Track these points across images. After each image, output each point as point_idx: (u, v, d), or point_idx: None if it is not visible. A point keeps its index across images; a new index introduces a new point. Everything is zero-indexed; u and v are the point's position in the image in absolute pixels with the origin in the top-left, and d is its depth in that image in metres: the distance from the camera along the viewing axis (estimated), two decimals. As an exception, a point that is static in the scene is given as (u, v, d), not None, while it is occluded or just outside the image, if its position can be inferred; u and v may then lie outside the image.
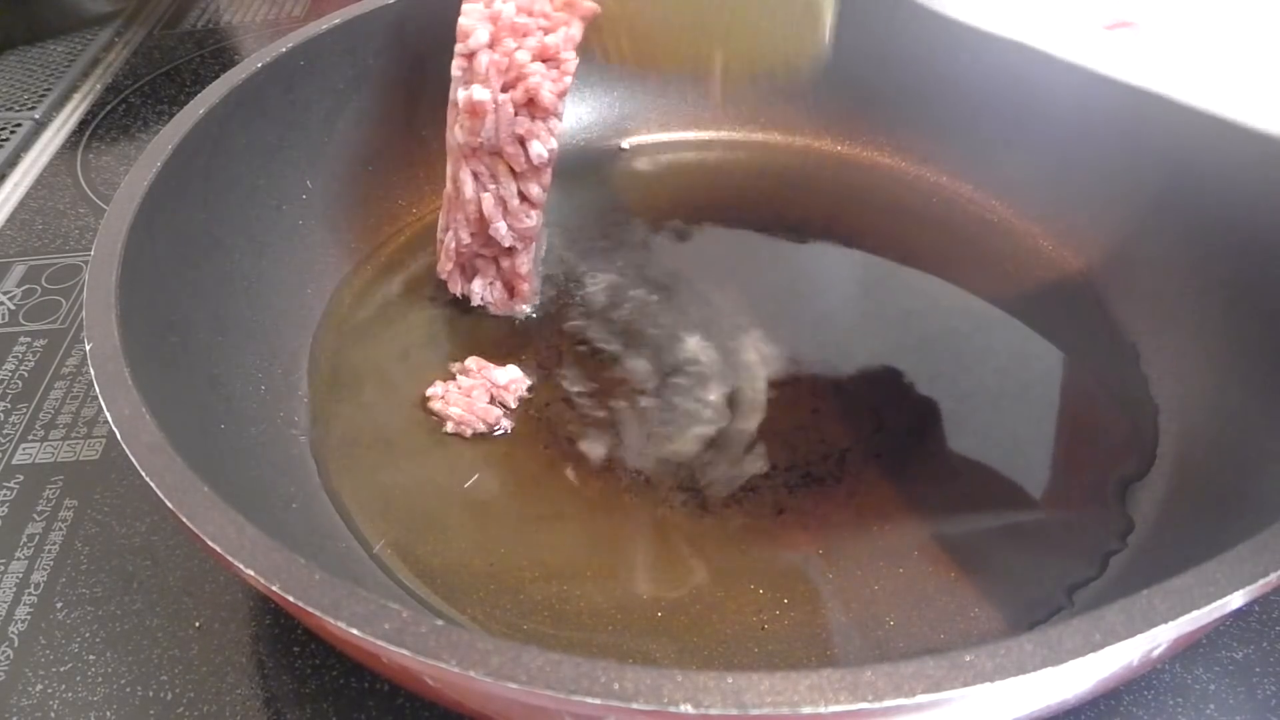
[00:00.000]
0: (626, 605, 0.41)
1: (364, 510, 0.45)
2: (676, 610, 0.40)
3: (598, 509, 0.45)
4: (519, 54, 0.48)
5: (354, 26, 0.58)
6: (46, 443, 0.52)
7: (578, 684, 0.26)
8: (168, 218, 0.45)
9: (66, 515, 0.48)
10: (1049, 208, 0.58)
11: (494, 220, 0.51)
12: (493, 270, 0.54)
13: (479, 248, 0.53)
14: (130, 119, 0.81)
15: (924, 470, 0.45)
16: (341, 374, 0.52)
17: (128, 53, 0.91)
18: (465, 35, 0.50)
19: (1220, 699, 0.38)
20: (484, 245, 0.53)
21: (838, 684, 0.26)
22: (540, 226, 0.53)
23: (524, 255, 0.53)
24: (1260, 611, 0.41)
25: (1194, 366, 0.48)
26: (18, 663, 0.42)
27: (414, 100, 0.63)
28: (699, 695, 0.26)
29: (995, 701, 0.28)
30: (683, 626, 0.40)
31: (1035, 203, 0.59)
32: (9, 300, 0.62)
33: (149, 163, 0.46)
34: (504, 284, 0.55)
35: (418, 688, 0.34)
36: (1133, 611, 0.27)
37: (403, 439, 0.48)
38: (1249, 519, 0.37)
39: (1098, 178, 0.56)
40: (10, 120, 0.81)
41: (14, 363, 0.57)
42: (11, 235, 0.68)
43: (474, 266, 0.55)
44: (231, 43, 0.93)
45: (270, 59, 0.54)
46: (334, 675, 0.40)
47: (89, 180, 0.73)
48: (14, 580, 0.45)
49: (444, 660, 0.27)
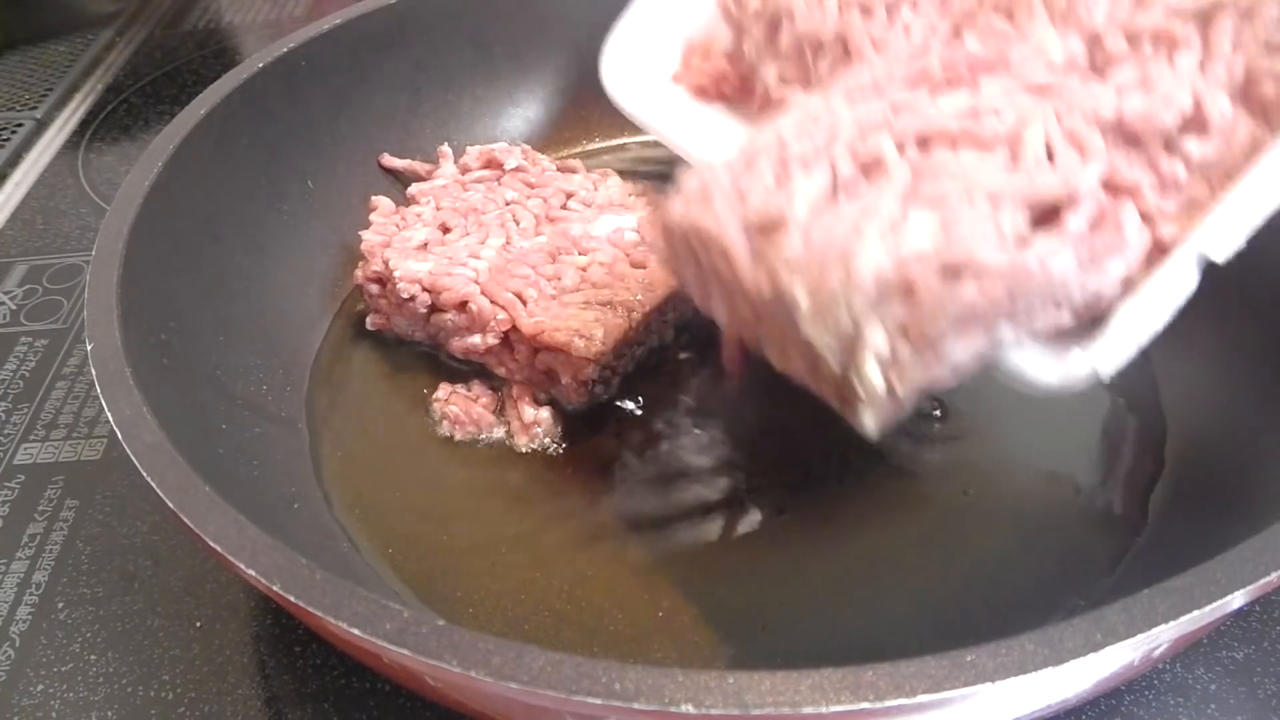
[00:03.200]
0: (627, 604, 0.41)
1: (364, 510, 0.45)
2: (677, 611, 0.40)
3: (600, 510, 0.45)
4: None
5: (354, 26, 0.59)
6: (48, 443, 0.52)
7: (579, 684, 0.26)
8: (169, 218, 0.46)
9: (68, 515, 0.48)
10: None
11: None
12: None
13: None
14: (131, 119, 0.81)
15: (929, 471, 0.45)
16: (342, 374, 0.52)
17: (129, 53, 0.91)
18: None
19: (1221, 699, 0.38)
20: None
21: (839, 684, 0.26)
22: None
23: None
24: (1261, 611, 0.41)
25: (1196, 368, 0.47)
26: (19, 663, 0.42)
27: (414, 100, 0.63)
28: (700, 695, 0.26)
29: (996, 701, 0.28)
30: (683, 626, 0.40)
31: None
32: (10, 300, 0.62)
33: (150, 163, 0.46)
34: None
35: (419, 688, 0.34)
36: (1133, 611, 0.27)
37: (402, 439, 0.48)
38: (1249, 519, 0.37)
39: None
40: (12, 120, 0.81)
41: (15, 363, 0.57)
42: (13, 235, 0.68)
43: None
44: (232, 43, 0.93)
45: (271, 59, 0.54)
46: (335, 675, 0.40)
47: (90, 180, 0.73)
48: (15, 580, 0.45)
49: (445, 660, 0.27)
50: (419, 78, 0.62)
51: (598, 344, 0.46)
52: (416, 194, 0.55)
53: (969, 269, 0.29)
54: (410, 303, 0.50)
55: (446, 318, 0.50)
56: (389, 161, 0.61)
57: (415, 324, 0.52)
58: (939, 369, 0.31)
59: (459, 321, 0.50)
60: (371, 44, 0.60)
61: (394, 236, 0.53)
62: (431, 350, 0.52)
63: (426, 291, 0.50)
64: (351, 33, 0.58)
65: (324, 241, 0.56)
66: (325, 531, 0.43)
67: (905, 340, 0.30)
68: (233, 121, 0.51)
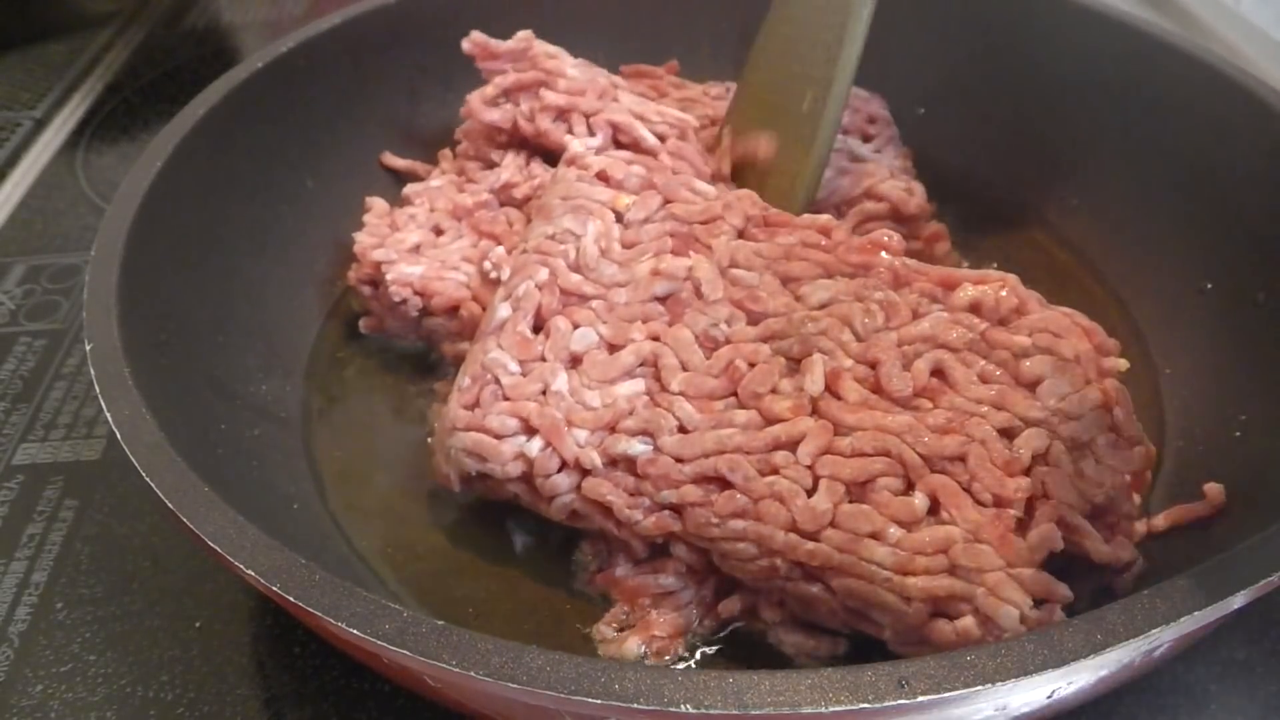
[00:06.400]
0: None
1: (363, 510, 0.45)
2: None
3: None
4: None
5: (354, 26, 0.58)
6: (47, 443, 0.52)
7: (578, 684, 0.26)
8: (168, 218, 0.45)
9: (67, 515, 0.48)
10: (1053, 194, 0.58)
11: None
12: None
13: None
14: (130, 119, 0.81)
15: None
16: (341, 374, 0.52)
17: (128, 52, 0.91)
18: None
19: (1222, 699, 0.38)
20: None
21: (839, 684, 0.26)
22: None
23: None
24: (1261, 611, 0.41)
25: (1197, 368, 0.48)
26: (18, 663, 0.42)
27: (414, 100, 0.63)
28: (700, 695, 0.26)
29: (996, 701, 0.28)
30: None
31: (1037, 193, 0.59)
32: (9, 300, 0.62)
33: (149, 163, 0.46)
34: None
35: (419, 688, 0.34)
36: (1133, 611, 0.27)
37: (401, 439, 0.48)
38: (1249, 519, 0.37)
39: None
40: (10, 120, 0.81)
41: (14, 362, 0.57)
42: (12, 235, 0.68)
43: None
44: (231, 43, 0.93)
45: (270, 59, 0.54)
46: (334, 675, 0.40)
47: (89, 180, 0.73)
48: (14, 580, 0.45)
49: (444, 660, 0.27)
50: (419, 78, 0.62)
51: None
52: (410, 195, 0.55)
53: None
54: (402, 306, 0.50)
55: (438, 321, 0.50)
56: (390, 161, 0.61)
57: (407, 327, 0.51)
58: None
59: (450, 326, 0.50)
60: (371, 44, 0.60)
61: (387, 238, 0.52)
62: (427, 350, 0.52)
63: (418, 295, 0.49)
64: (351, 33, 0.58)
65: (323, 241, 0.56)
66: (324, 532, 0.43)
67: None
68: (232, 121, 0.51)
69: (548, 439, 0.39)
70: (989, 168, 0.60)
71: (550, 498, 0.39)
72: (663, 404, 0.39)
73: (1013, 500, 0.36)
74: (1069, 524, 0.36)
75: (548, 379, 0.40)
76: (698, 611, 0.40)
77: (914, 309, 0.40)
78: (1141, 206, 0.53)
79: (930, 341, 0.39)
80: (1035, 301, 0.40)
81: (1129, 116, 0.54)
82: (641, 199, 0.45)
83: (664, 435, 0.38)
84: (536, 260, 0.43)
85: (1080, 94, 0.56)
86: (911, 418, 0.37)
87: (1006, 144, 0.60)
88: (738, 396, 0.39)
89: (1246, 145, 0.47)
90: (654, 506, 0.38)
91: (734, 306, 0.41)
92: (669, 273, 0.42)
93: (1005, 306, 0.40)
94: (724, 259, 0.42)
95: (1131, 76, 0.53)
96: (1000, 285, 0.40)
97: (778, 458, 0.37)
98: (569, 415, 0.39)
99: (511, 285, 0.43)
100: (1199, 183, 0.50)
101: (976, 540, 0.35)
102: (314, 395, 0.50)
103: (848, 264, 0.41)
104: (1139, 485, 0.39)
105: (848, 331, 0.39)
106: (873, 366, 0.38)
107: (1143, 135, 0.53)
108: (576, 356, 0.40)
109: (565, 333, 0.41)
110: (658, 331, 0.40)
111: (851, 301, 0.40)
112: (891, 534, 0.35)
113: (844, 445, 0.37)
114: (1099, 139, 0.55)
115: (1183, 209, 0.51)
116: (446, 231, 0.53)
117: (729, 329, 0.40)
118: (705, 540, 0.38)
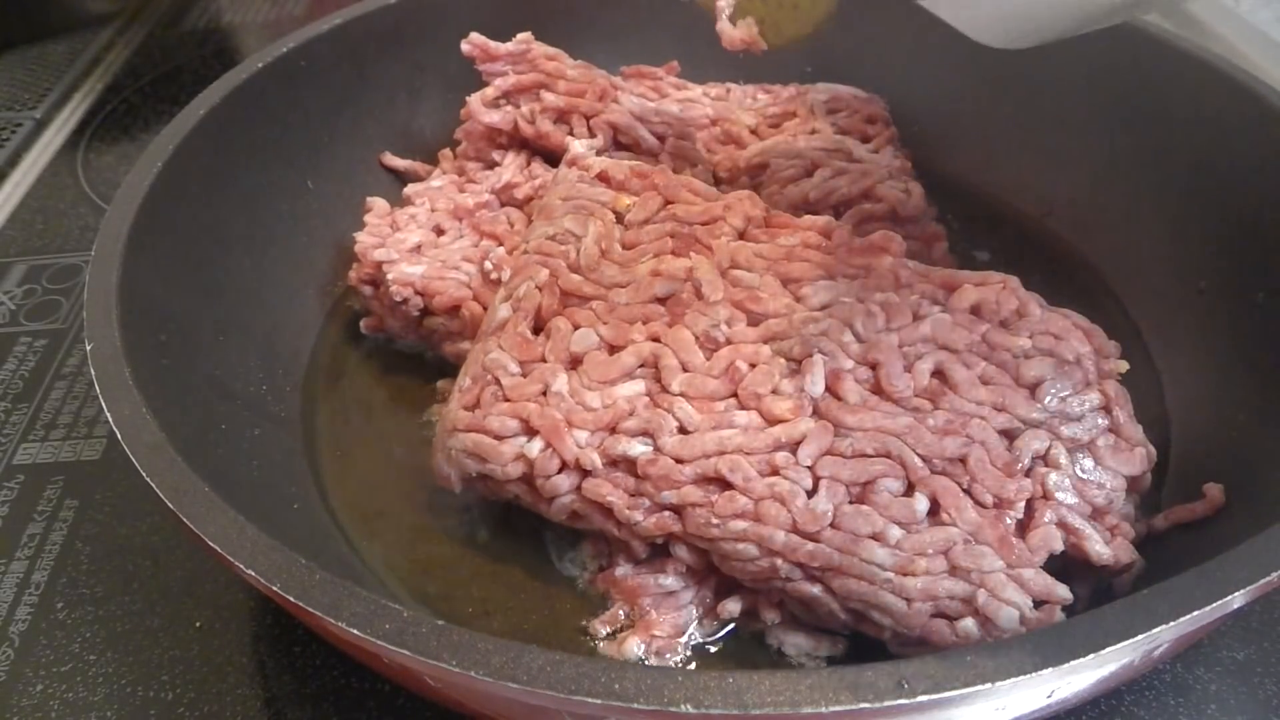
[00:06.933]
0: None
1: (362, 510, 0.45)
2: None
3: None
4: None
5: (354, 26, 0.58)
6: (47, 443, 0.52)
7: (578, 684, 0.26)
8: (168, 218, 0.45)
9: (67, 515, 0.48)
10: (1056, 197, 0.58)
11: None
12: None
13: None
14: (131, 119, 0.81)
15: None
16: (341, 374, 0.52)
17: (128, 53, 0.91)
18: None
19: (1221, 699, 0.38)
20: None
21: (839, 684, 0.26)
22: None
23: None
24: (1261, 611, 0.41)
25: (1198, 368, 0.48)
26: (18, 663, 0.42)
27: (414, 100, 0.63)
28: (700, 695, 0.26)
29: (996, 701, 0.28)
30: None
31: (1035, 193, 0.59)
32: (9, 300, 0.62)
33: (150, 163, 0.46)
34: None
35: (419, 688, 0.34)
36: (1133, 611, 0.27)
37: (400, 439, 0.48)
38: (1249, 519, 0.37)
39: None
40: (11, 120, 0.81)
41: (14, 362, 0.57)
42: (12, 235, 0.68)
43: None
44: (232, 43, 0.93)
45: (270, 59, 0.54)
46: (335, 675, 0.40)
47: (89, 180, 0.73)
48: (14, 580, 0.45)
49: (445, 660, 0.27)
50: (419, 78, 0.62)
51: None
52: (411, 195, 0.55)
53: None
54: (403, 306, 0.50)
55: (438, 321, 0.50)
56: (391, 161, 0.61)
57: (408, 327, 0.51)
58: None
59: (451, 326, 0.50)
60: (371, 44, 0.60)
61: (388, 238, 0.52)
62: (428, 350, 0.52)
63: (419, 295, 0.49)
64: (351, 33, 0.58)
65: (323, 241, 0.56)
66: (324, 532, 0.43)
67: None
68: (232, 121, 0.51)
69: (548, 440, 0.39)
70: (988, 168, 0.61)
71: (550, 498, 0.39)
72: (663, 405, 0.39)
73: (1013, 502, 0.36)
74: (1069, 525, 0.36)
75: (548, 380, 0.40)
76: (698, 611, 0.40)
77: (915, 311, 0.40)
78: (1141, 206, 0.53)
79: (931, 343, 0.39)
80: (1035, 303, 0.40)
81: (1129, 116, 0.54)
82: (642, 200, 0.45)
83: (664, 436, 0.38)
84: (537, 261, 0.43)
85: (1080, 94, 0.56)
86: (912, 419, 0.37)
87: (1006, 144, 0.60)
88: (738, 397, 0.39)
89: (1246, 145, 0.47)
90: (654, 507, 0.38)
91: (734, 307, 0.41)
92: (669, 273, 0.42)
93: (1006, 308, 0.40)
94: (725, 260, 0.42)
95: (1131, 76, 0.53)
96: (1001, 287, 0.40)
97: (778, 459, 0.37)
98: (569, 416, 0.39)
99: (512, 286, 0.43)
100: (1199, 183, 0.50)
101: (976, 541, 0.35)
102: (314, 395, 0.50)
103: (849, 265, 0.42)
104: (1139, 486, 0.39)
105: (848, 333, 0.39)
106: (873, 368, 0.39)
107: (1142, 135, 0.53)
108: (577, 357, 0.40)
109: (565, 333, 0.41)
110: (658, 332, 0.40)
111: (852, 303, 0.40)
112: (892, 535, 0.35)
113: (844, 446, 0.37)
114: (1099, 139, 0.55)
115: (1182, 209, 0.51)
116: (447, 231, 0.53)
117: (729, 330, 0.40)
118: (705, 541, 0.38)
